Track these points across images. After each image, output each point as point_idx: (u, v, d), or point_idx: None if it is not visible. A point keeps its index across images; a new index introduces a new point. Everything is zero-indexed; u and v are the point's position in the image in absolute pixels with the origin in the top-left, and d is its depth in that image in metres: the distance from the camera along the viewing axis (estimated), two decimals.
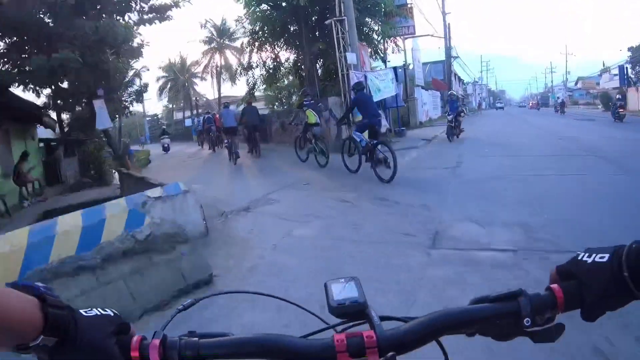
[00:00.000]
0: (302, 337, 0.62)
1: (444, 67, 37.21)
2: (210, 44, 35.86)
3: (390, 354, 0.56)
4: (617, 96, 21.48)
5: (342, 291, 0.65)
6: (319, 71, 17.10)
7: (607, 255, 0.58)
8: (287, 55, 18.86)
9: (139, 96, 32.64)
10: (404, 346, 0.58)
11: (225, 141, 13.73)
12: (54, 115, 20.61)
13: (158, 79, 50.84)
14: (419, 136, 16.16)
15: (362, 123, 8.33)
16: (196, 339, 0.58)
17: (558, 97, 47.07)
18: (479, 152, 11.12)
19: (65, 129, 22.42)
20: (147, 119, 65.38)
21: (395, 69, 16.74)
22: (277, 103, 43.87)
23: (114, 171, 21.49)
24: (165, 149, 24.71)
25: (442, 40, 34.02)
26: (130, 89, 32.56)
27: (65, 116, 21.59)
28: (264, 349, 0.58)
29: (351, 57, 12.51)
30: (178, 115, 52.13)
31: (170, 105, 55.59)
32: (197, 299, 0.71)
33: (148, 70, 38.67)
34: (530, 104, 66.33)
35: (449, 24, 35.57)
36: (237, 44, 34.86)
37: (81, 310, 0.58)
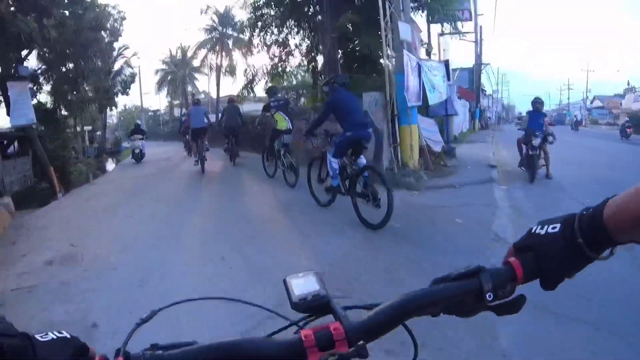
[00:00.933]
0: (267, 337, 0.60)
1: (471, 75, 32.85)
2: (211, 33, 31.62)
3: (360, 342, 0.55)
4: (626, 118, 25.20)
5: (303, 286, 0.64)
6: (341, 61, 12.74)
7: (558, 225, 0.62)
8: (298, 41, 14.70)
9: (125, 87, 28.91)
10: (372, 334, 0.58)
11: (195, 160, 11.29)
12: None
13: (157, 72, 47.14)
14: (473, 158, 11.88)
15: (342, 138, 5.65)
16: (160, 352, 0.55)
17: (575, 115, 44.34)
18: None
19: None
20: (150, 113, 61.97)
21: (446, 63, 12.38)
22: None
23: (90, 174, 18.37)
24: (137, 156, 17.32)
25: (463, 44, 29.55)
26: (118, 78, 28.99)
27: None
28: (232, 354, 0.56)
29: (404, 30, 8.02)
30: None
31: (171, 101, 51.60)
32: (155, 310, 0.67)
33: (139, 58, 35.05)
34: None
35: (480, 26, 31.26)
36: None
37: (37, 335, 0.54)
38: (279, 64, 15.00)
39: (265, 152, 9.19)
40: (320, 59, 14.58)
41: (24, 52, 15.02)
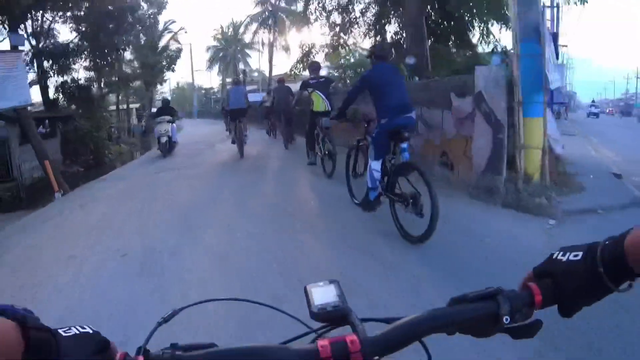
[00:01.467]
0: (284, 343, 0.62)
1: None
2: (263, 6, 29.04)
3: (375, 358, 0.56)
4: None
5: (323, 295, 0.65)
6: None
7: (580, 253, 0.61)
8: (364, 5, 11.90)
9: (171, 63, 27.05)
10: (387, 349, 0.58)
11: (231, 138, 10.95)
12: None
13: (208, 49, 45.44)
14: (583, 162, 8.50)
15: (378, 131, 4.24)
16: (180, 352, 0.57)
17: None
18: None
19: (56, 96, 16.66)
20: (203, 91, 60.85)
21: (555, 37, 9.19)
22: (340, 84, 36.71)
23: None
24: (164, 147, 11.79)
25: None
26: (164, 54, 27.17)
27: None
28: (249, 358, 0.57)
29: None
30: None
31: (223, 79, 49.92)
32: (176, 309, 0.68)
33: (186, 32, 33.03)
34: (608, 110, 60.32)
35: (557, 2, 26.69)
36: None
37: (60, 330, 0.54)
38: (340, 35, 12.29)
39: (306, 136, 8.08)
40: (391, 29, 11.76)
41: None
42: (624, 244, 0.57)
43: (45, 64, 15.42)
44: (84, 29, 15.53)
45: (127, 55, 24.89)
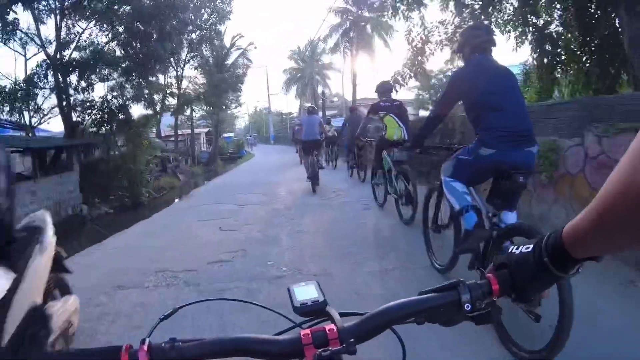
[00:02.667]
0: (273, 335, 0.67)
1: None
2: (343, 16, 25.01)
3: (350, 340, 0.61)
4: None
5: (304, 293, 0.71)
6: None
7: (531, 246, 0.66)
8: None
9: (237, 82, 23.73)
10: (362, 336, 0.64)
11: (308, 177, 8.72)
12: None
13: (284, 71, 42.65)
14: None
15: (473, 158, 2.84)
16: (179, 342, 0.62)
17: None
18: None
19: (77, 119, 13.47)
20: (283, 115, 58.67)
21: None
22: (429, 108, 31.94)
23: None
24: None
25: None
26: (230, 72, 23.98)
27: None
28: (240, 347, 0.63)
29: None
30: None
31: (300, 102, 46.93)
32: (176, 307, 0.74)
33: (255, 48, 29.91)
34: None
35: None
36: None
37: None
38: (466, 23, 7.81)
39: (373, 171, 6.67)
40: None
41: None
42: (562, 233, 0.61)
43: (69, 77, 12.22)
44: (120, 30, 12.14)
45: (188, 71, 21.97)
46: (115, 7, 11.88)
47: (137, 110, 25.69)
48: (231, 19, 20.85)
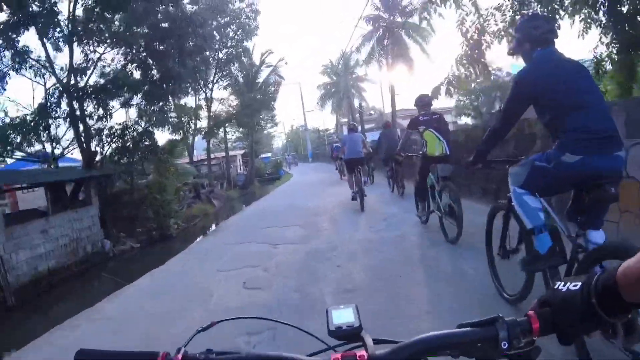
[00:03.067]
0: (306, 356, 0.69)
1: None
2: (375, 24, 23.68)
3: None
4: None
5: (341, 316, 0.71)
6: None
7: (579, 284, 0.62)
8: None
9: (269, 100, 22.78)
10: None
11: (353, 192, 8.73)
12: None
13: (318, 87, 41.63)
14: None
15: (553, 166, 2.43)
16: (213, 355, 0.65)
17: None
18: None
19: (99, 149, 12.70)
20: (321, 132, 57.90)
21: None
22: (470, 114, 30.17)
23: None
24: None
25: None
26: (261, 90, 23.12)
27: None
28: None
29: None
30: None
31: (337, 117, 45.80)
32: (214, 321, 0.80)
33: (286, 63, 28.75)
34: None
35: None
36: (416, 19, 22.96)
37: None
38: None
39: (417, 189, 6.06)
40: None
41: None
42: (617, 274, 0.58)
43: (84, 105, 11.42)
44: (133, 51, 11.29)
45: (218, 92, 21.23)
46: (133, 28, 11.07)
47: (164, 136, 25.00)
48: (258, 35, 20.03)
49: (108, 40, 11.77)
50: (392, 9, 23.40)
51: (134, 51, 11.83)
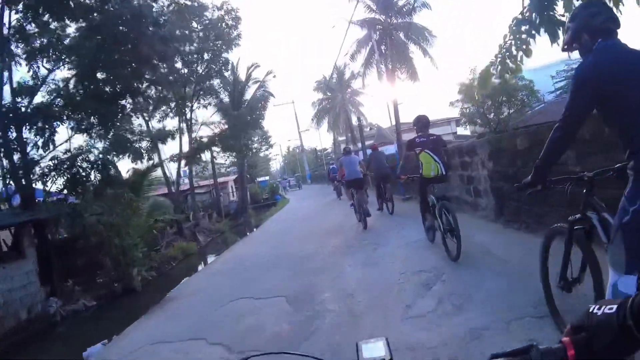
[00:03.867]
0: None
1: None
2: (371, 27, 21.34)
3: None
4: None
5: (371, 350, 0.71)
6: None
7: (615, 307, 0.61)
8: None
9: (256, 120, 20.28)
10: None
11: (350, 203, 10.22)
12: None
13: (313, 104, 39.28)
14: None
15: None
16: None
17: None
18: None
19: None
20: (318, 152, 55.64)
21: None
22: (477, 123, 28.42)
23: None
24: None
25: None
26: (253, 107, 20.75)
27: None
28: None
29: None
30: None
31: (334, 135, 43.04)
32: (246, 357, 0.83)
33: (274, 77, 26.11)
34: None
35: None
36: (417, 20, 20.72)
37: None
38: None
39: (420, 208, 6.21)
40: None
41: None
42: None
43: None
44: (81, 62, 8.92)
45: (203, 113, 18.82)
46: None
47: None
48: (240, 45, 17.70)
49: (53, 53, 9.46)
50: (387, 10, 21.09)
51: (82, 62, 9.42)
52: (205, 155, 17.88)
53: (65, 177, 9.79)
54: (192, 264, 13.42)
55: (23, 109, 9.23)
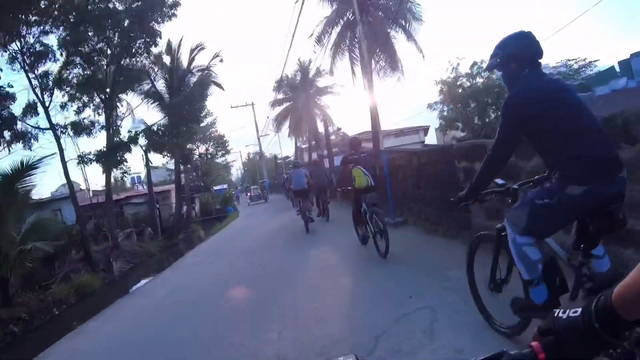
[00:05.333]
0: None
1: None
2: (337, 19, 17.40)
3: None
4: None
5: None
6: None
7: (579, 310, 0.63)
8: None
9: (198, 110, 16.01)
10: None
11: (297, 210, 12.20)
12: None
13: (271, 104, 34.59)
14: None
15: (561, 194, 2.32)
16: None
17: None
18: None
19: None
20: (279, 160, 51.65)
21: None
22: (459, 128, 25.00)
23: None
24: None
25: None
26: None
27: None
28: None
29: None
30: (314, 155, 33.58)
31: (295, 140, 38.54)
32: None
33: (222, 61, 21.12)
34: None
35: None
36: None
37: None
38: None
39: (353, 217, 7.31)
40: None
41: None
42: (612, 296, 0.58)
43: None
44: None
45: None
46: None
47: None
48: (177, 16, 13.58)
49: None
50: None
51: None
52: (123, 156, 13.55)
53: None
54: (84, 311, 9.09)
55: None
